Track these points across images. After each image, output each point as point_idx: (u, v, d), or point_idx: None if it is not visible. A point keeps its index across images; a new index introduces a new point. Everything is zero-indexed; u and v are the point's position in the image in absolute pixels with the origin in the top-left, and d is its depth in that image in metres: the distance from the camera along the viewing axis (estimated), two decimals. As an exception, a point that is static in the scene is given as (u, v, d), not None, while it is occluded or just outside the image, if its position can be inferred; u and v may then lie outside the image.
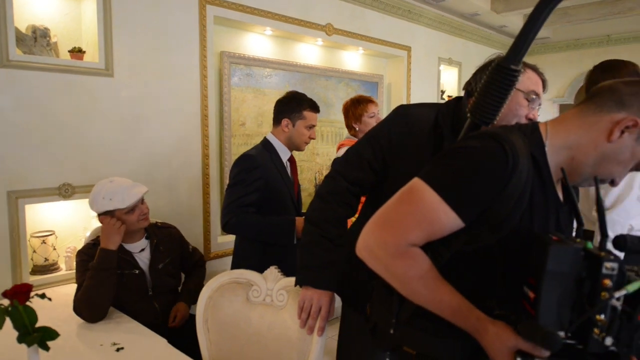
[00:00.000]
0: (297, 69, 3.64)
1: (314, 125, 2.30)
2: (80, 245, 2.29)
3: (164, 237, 2.18)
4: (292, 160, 2.35)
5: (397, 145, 1.36)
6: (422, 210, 0.91)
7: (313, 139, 2.33)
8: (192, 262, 2.33)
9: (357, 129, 2.95)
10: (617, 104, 0.92)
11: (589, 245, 0.79)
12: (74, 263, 2.00)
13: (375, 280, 1.08)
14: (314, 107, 2.29)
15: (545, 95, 6.11)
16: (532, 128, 0.99)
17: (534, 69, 1.31)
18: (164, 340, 1.65)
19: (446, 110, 1.38)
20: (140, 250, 2.08)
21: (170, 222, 2.34)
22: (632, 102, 0.91)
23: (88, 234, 2.31)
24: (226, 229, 2.11)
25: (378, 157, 1.39)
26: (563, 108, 6.34)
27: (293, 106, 2.25)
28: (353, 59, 4.22)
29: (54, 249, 2.38)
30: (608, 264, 0.74)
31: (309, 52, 3.81)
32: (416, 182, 0.94)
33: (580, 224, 0.99)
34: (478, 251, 0.94)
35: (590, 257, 0.77)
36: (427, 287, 0.92)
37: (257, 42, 3.42)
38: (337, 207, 1.40)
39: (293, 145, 2.29)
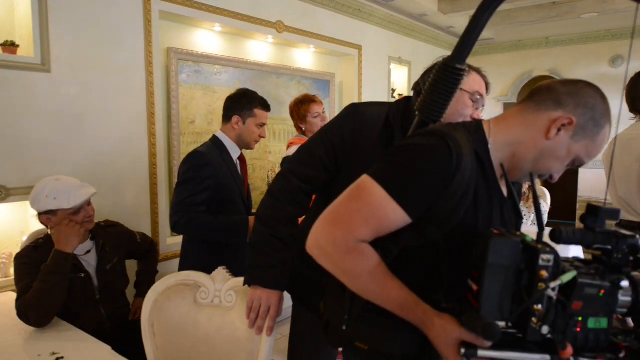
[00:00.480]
0: (248, 66, 3.59)
1: (264, 124, 2.27)
2: (17, 250, 2.16)
3: (109, 236, 2.09)
4: (242, 158, 2.32)
5: (349, 144, 1.37)
6: (370, 207, 0.92)
7: (263, 137, 2.30)
8: (143, 250, 2.26)
9: (303, 128, 2.94)
10: (555, 102, 0.95)
11: (528, 238, 0.81)
12: (10, 270, 1.88)
13: (328, 278, 1.08)
14: (265, 106, 2.26)
15: (490, 94, 6.35)
16: (476, 126, 1.02)
17: (478, 71, 1.36)
18: (107, 347, 1.58)
19: (396, 109, 1.40)
20: (86, 253, 1.99)
21: (116, 227, 2.26)
22: (568, 101, 0.95)
23: (25, 238, 2.18)
24: (176, 229, 2.05)
25: (330, 156, 1.39)
26: (507, 106, 6.62)
27: (244, 103, 2.21)
28: (304, 57, 4.22)
29: (-13, 255, 2.24)
30: (544, 256, 0.77)
31: (260, 49, 3.78)
32: (364, 179, 0.95)
33: (520, 217, 1.03)
34: (425, 246, 0.96)
35: (528, 250, 0.80)
36: (375, 282, 0.94)
37: (206, 39, 3.35)
38: (289, 206, 1.39)
39: (243, 143, 2.26)
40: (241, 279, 1.47)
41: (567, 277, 0.77)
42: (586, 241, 0.82)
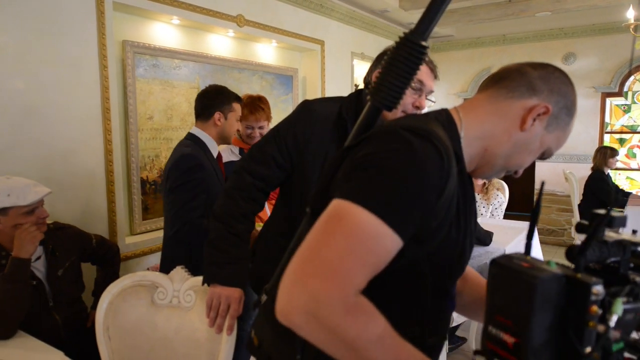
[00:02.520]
0: (208, 60, 3.51)
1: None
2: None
3: (59, 240, 2.00)
4: (218, 155, 2.32)
5: (302, 142, 1.36)
6: (363, 241, 0.69)
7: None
8: (101, 255, 2.16)
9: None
10: (529, 88, 0.85)
11: (552, 264, 0.66)
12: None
13: (266, 293, 0.95)
14: (239, 99, 2.32)
15: (450, 90, 6.44)
16: (447, 117, 0.87)
17: None
18: (60, 353, 1.52)
19: (349, 102, 1.39)
20: (36, 259, 1.89)
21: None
22: (542, 86, 0.85)
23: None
24: (177, 237, 2.01)
25: (284, 154, 1.38)
26: (467, 102, 6.78)
27: (222, 99, 2.23)
28: (267, 52, 4.17)
29: None
30: (596, 289, 0.61)
31: (221, 43, 3.70)
32: (342, 206, 0.71)
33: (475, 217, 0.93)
34: (402, 269, 0.78)
35: (571, 282, 0.63)
36: (386, 351, 0.69)
37: (164, 32, 3.25)
38: (242, 202, 1.37)
39: (224, 139, 2.28)
40: (200, 278, 1.43)
41: (618, 309, 0.62)
42: (604, 256, 0.69)
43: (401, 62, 0.82)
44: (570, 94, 0.87)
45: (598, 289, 0.61)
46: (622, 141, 5.99)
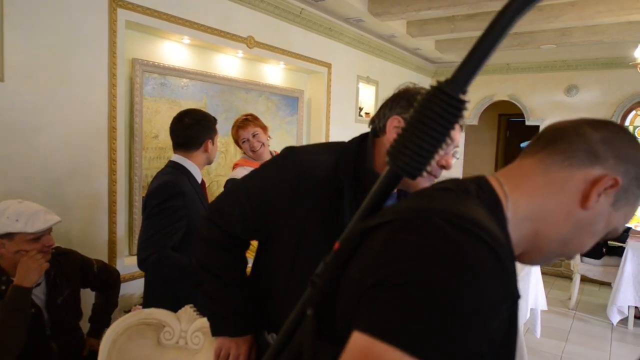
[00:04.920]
0: (216, 80, 3.50)
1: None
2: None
3: (61, 266, 1.94)
4: (202, 182, 2.23)
5: (280, 202, 1.15)
6: None
7: None
8: (101, 281, 2.11)
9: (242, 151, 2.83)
10: (589, 155, 0.67)
11: None
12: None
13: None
14: (215, 119, 2.25)
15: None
16: (490, 194, 0.68)
17: None
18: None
19: (347, 157, 1.15)
20: (36, 286, 1.83)
21: (71, 246, 2.11)
22: (607, 153, 0.67)
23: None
24: (144, 266, 1.87)
25: (255, 212, 1.19)
26: (469, 128, 6.81)
27: (210, 127, 2.13)
28: (274, 73, 4.16)
29: None
30: None
31: (229, 63, 3.69)
32: (371, 348, 0.52)
33: None
34: None
35: None
36: None
37: (174, 51, 3.23)
38: (224, 253, 1.26)
39: (208, 162, 2.21)
40: (209, 320, 1.38)
41: None
42: None
43: (433, 120, 0.62)
44: None
45: None
46: (621, 174, 6.02)
